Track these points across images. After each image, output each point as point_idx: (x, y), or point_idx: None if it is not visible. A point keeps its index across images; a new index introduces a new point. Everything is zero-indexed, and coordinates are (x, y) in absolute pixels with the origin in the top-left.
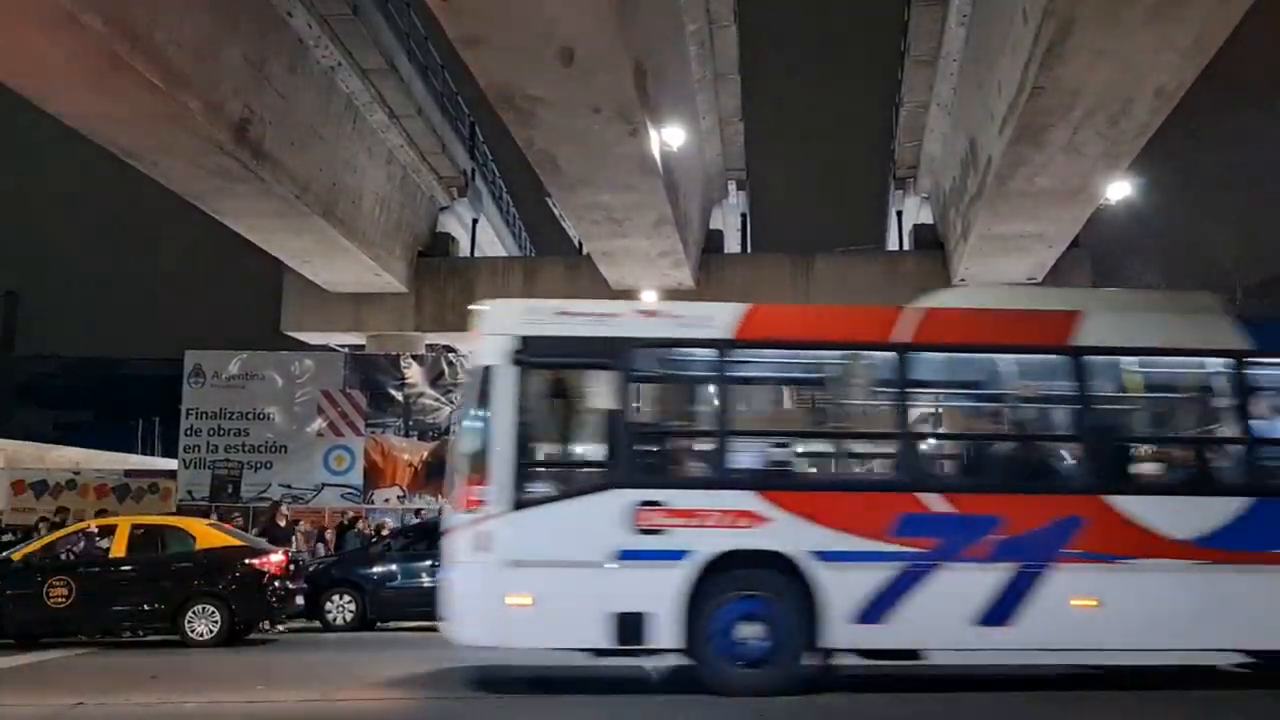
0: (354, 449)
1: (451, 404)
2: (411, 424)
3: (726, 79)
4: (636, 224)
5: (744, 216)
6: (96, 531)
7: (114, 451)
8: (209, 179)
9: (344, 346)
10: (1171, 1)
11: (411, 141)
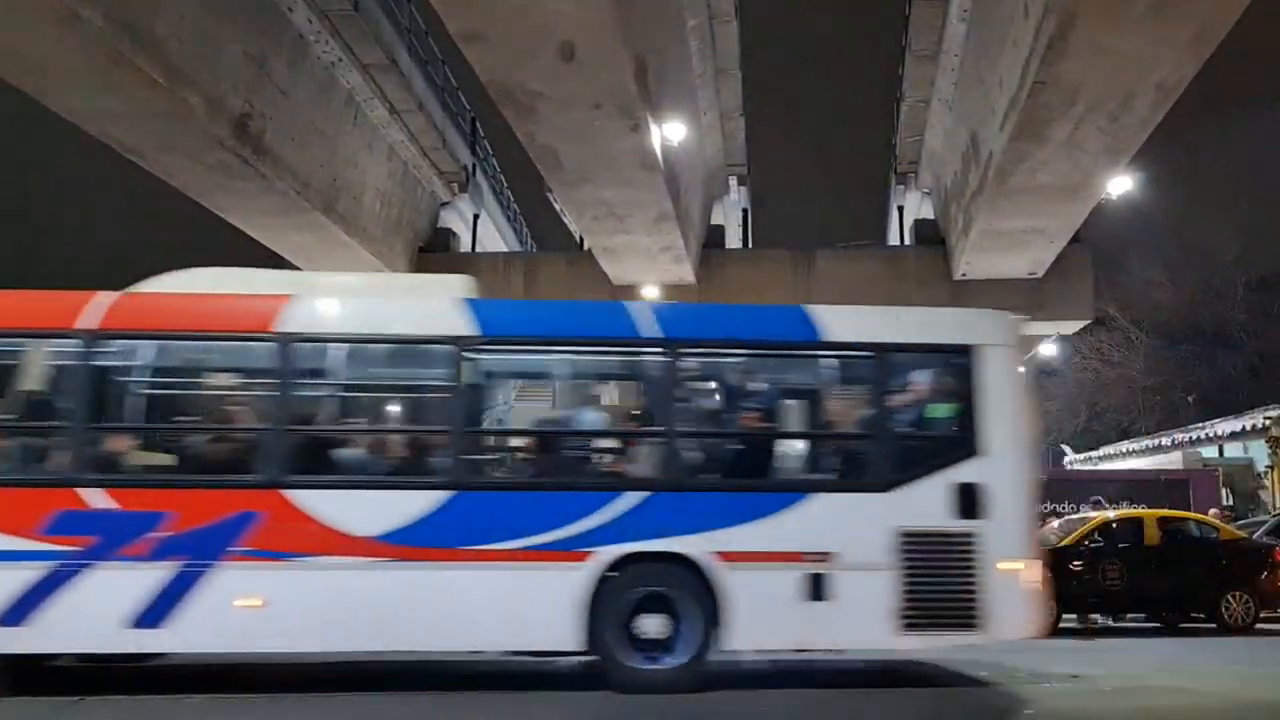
0: None
1: None
2: None
3: (727, 74)
4: (638, 220)
5: (745, 212)
6: None
7: None
8: (210, 175)
9: None
10: None
11: (412, 137)
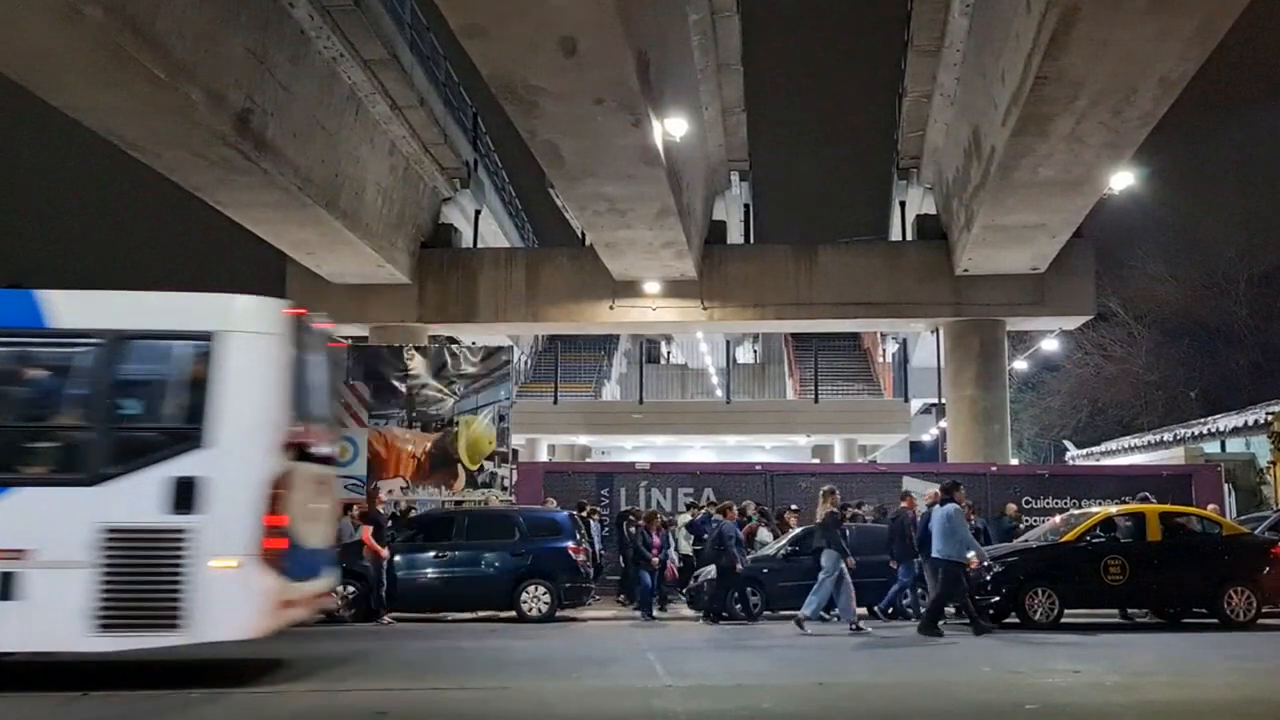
0: (357, 440)
1: (455, 395)
2: (414, 415)
3: (729, 69)
4: (639, 215)
5: (747, 207)
6: None
7: None
8: (211, 170)
9: (347, 338)
10: None
11: (414, 132)
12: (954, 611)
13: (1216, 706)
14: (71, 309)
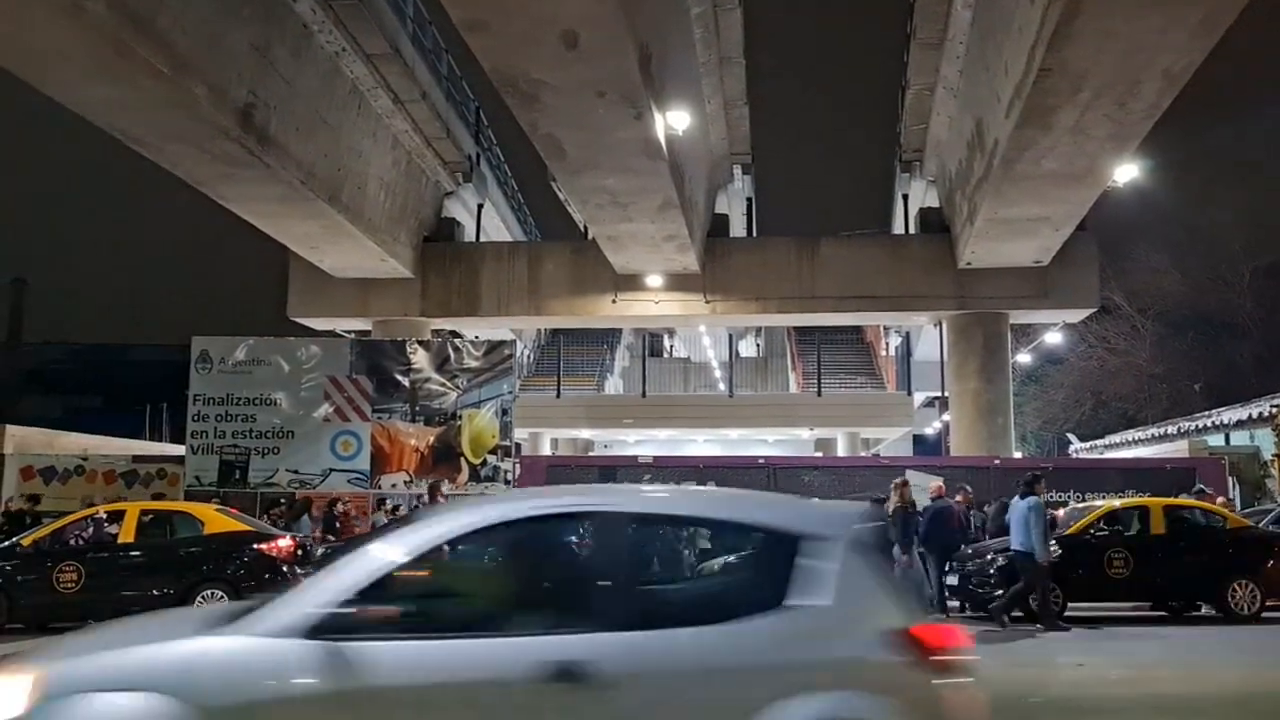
0: (361, 434)
1: (458, 389)
2: (417, 409)
3: (731, 62)
4: (641, 208)
5: (749, 200)
6: (105, 516)
7: (121, 438)
8: (214, 165)
9: (350, 332)
10: None
11: (416, 126)
12: (957, 605)
13: (1221, 700)
14: None
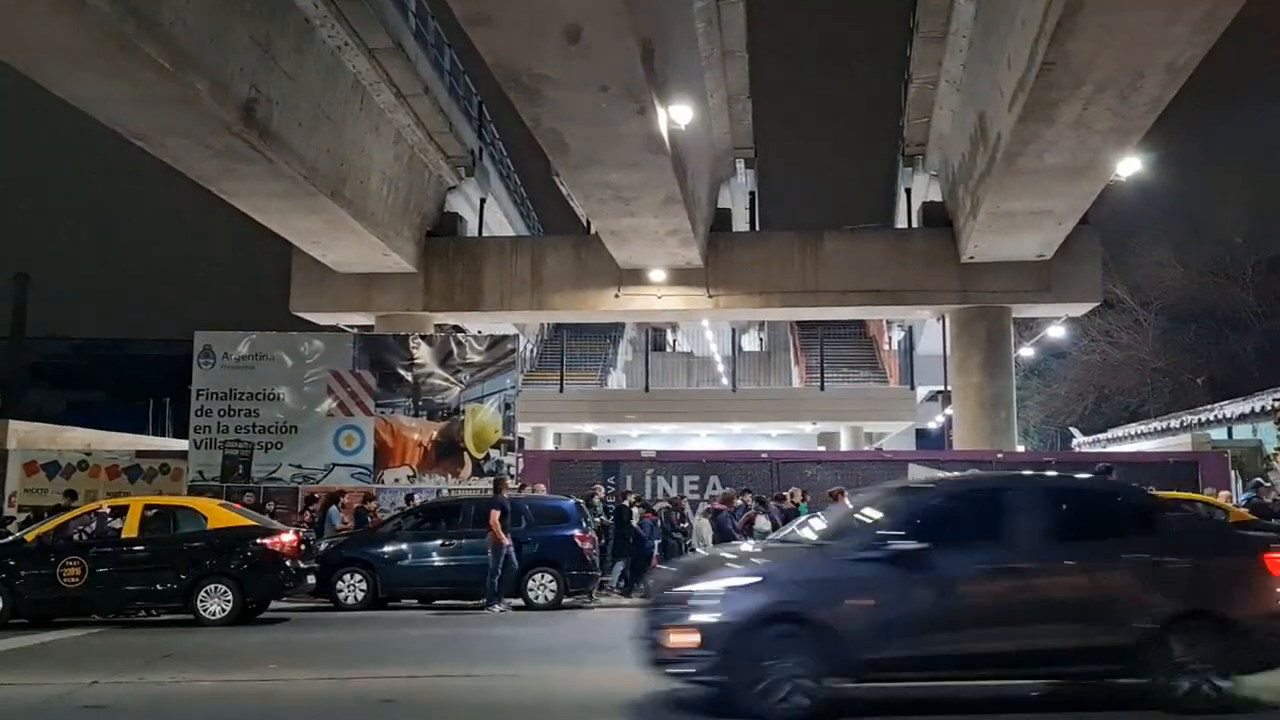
0: (364, 429)
1: (461, 383)
2: (421, 404)
3: (734, 56)
4: (644, 202)
5: (752, 195)
6: (109, 511)
7: (125, 432)
8: (216, 160)
9: (353, 327)
10: None
11: (419, 121)
12: None
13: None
14: None
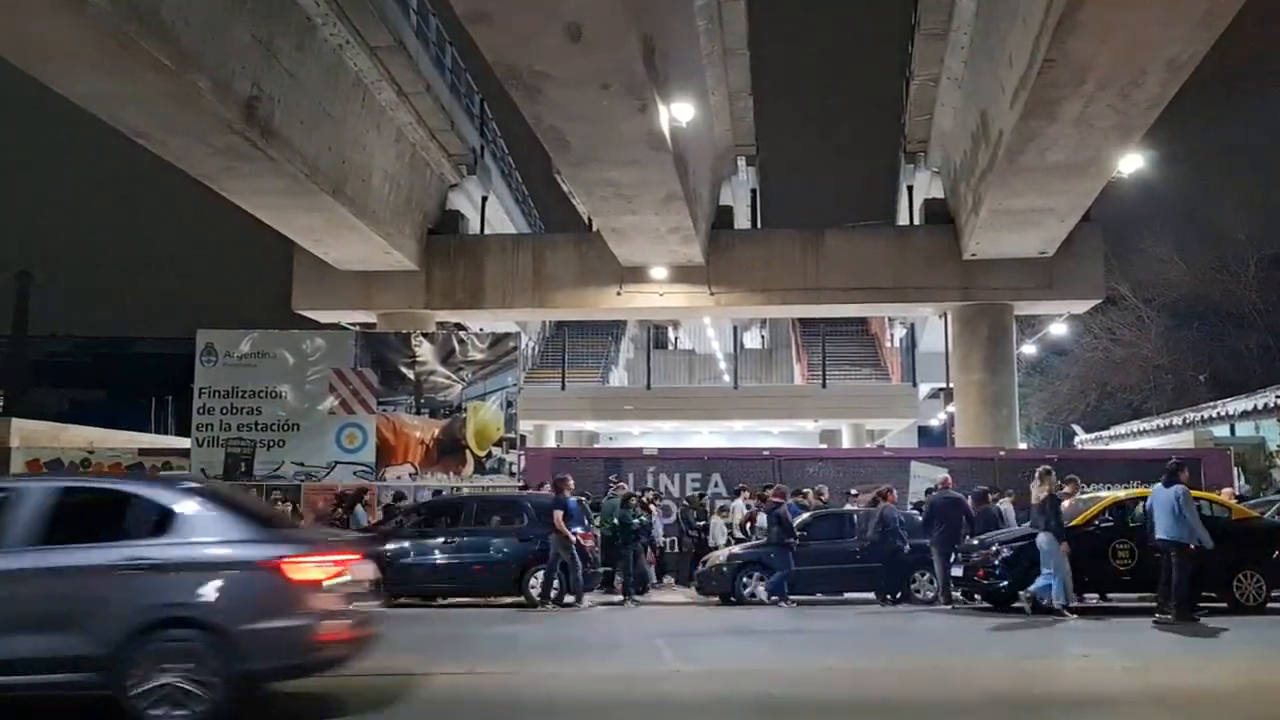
0: (366, 426)
1: (463, 381)
2: (422, 401)
3: (735, 54)
4: (646, 200)
5: (754, 192)
6: None
7: (127, 430)
8: (218, 158)
9: (354, 325)
10: None
11: (420, 119)
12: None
13: (1226, 691)
14: None
